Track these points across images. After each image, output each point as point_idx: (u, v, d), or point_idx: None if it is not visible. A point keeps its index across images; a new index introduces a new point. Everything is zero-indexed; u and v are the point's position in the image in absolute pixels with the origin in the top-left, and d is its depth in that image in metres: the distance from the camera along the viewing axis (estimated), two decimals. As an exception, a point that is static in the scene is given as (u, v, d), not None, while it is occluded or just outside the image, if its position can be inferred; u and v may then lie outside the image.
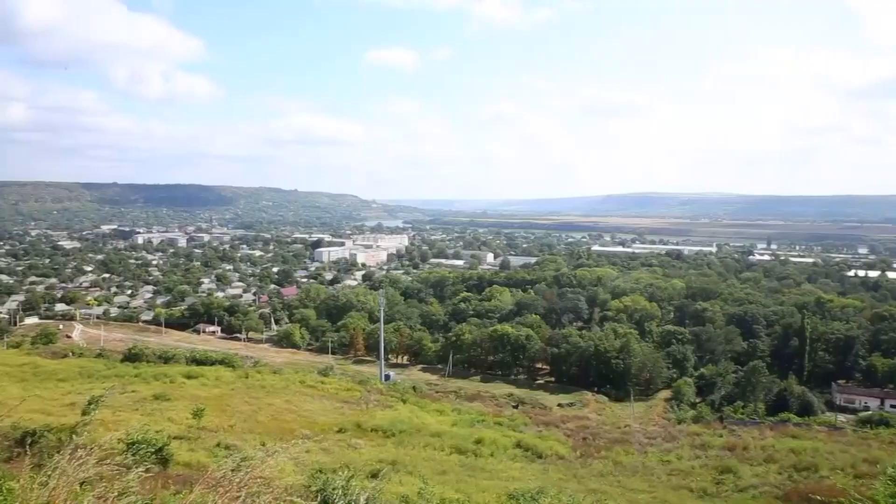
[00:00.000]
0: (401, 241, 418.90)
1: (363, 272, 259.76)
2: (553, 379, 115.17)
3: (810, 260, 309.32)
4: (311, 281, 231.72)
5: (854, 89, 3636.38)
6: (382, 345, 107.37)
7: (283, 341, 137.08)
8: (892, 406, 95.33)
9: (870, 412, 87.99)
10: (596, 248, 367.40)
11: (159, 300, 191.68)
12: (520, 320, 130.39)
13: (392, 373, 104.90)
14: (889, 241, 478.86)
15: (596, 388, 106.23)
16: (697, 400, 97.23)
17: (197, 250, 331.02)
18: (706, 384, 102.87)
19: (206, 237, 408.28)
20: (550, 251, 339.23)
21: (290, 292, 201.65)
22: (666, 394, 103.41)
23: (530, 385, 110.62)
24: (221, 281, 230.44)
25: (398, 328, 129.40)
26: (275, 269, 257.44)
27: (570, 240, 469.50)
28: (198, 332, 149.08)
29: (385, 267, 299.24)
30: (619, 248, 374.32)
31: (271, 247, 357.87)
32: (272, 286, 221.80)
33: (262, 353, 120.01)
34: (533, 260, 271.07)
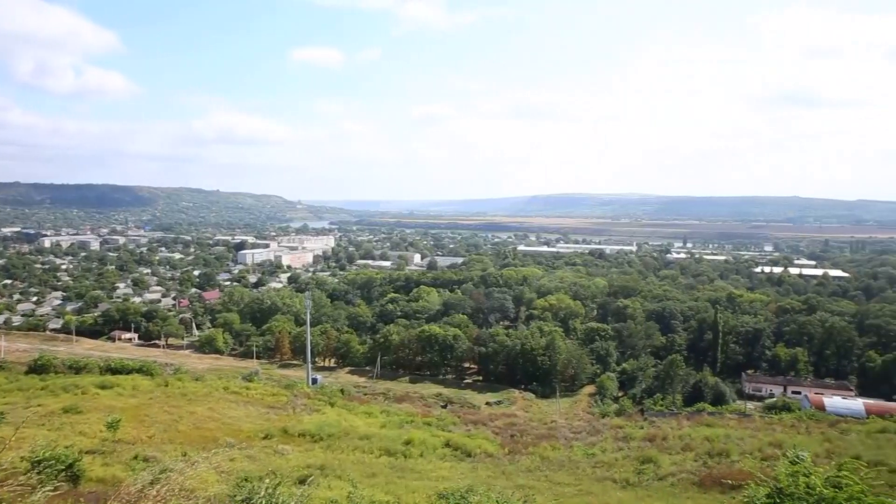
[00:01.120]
0: (327, 243, 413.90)
1: (289, 274, 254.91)
2: (481, 378, 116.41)
3: (722, 257, 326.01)
4: (235, 284, 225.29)
5: (762, 98, 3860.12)
6: (309, 348, 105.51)
7: (206, 347, 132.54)
8: (793, 392, 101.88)
9: (774, 399, 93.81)
10: (522, 247, 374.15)
11: (69, 307, 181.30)
12: (447, 320, 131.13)
13: (319, 376, 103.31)
14: (790, 239, 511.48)
15: (523, 386, 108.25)
16: (620, 394, 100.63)
17: (111, 253, 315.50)
18: (628, 378, 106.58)
19: (122, 240, 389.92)
20: (477, 251, 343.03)
21: (212, 296, 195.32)
22: (590, 389, 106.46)
23: (458, 384, 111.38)
24: (138, 285, 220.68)
25: (325, 331, 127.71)
26: (196, 273, 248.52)
27: (496, 240, 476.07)
28: (113, 339, 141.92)
29: (311, 269, 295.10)
30: (545, 248, 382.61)
31: (192, 249, 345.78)
32: (193, 290, 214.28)
33: (183, 360, 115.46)
34: (460, 260, 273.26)
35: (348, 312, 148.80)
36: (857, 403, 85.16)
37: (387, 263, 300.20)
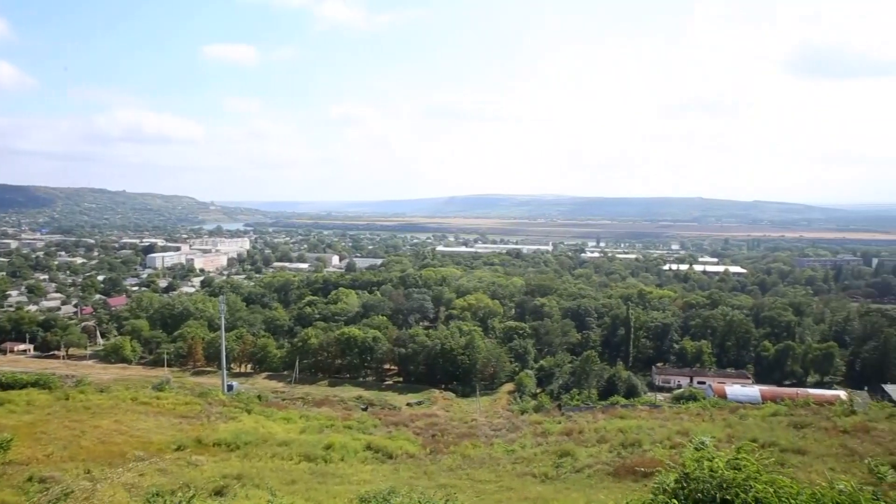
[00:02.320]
0: (242, 245, 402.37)
1: (202, 278, 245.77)
2: (401, 379, 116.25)
3: (633, 256, 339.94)
4: (144, 289, 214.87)
5: (671, 104, 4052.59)
6: (224, 354, 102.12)
7: (112, 356, 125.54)
8: (699, 382, 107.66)
9: (682, 389, 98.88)
10: (440, 248, 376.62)
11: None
12: (367, 322, 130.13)
13: (235, 383, 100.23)
14: (695, 238, 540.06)
15: (443, 386, 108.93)
16: (538, 390, 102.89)
17: (2, 259, 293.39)
18: (546, 375, 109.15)
19: (14, 244, 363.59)
20: (396, 252, 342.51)
21: (118, 302, 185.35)
22: (509, 386, 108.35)
23: (379, 386, 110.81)
24: (34, 292, 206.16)
25: (241, 335, 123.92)
26: (100, 278, 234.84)
27: (415, 240, 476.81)
28: (4, 351, 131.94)
29: (225, 272, 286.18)
30: (463, 248, 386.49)
31: (96, 253, 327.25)
32: (98, 296, 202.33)
33: (86, 371, 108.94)
34: (379, 261, 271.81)
35: (265, 316, 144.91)
36: (754, 390, 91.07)
37: (304, 266, 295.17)
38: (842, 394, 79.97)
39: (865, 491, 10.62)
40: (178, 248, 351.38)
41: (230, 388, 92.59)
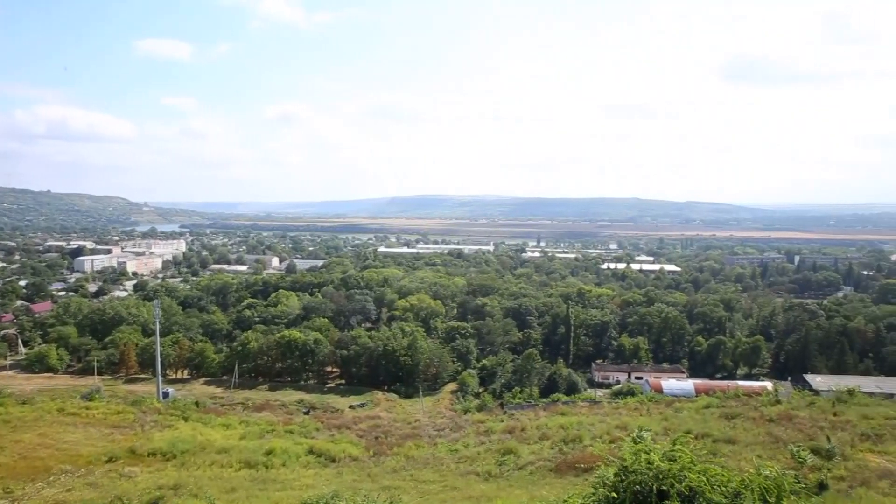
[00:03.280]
0: (178, 247, 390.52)
1: (135, 282, 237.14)
2: (344, 381, 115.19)
3: (572, 255, 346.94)
4: (72, 294, 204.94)
5: (609, 106, 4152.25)
6: (159, 360, 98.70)
7: (36, 365, 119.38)
8: (636, 378, 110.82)
9: (620, 385, 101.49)
10: (382, 249, 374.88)
11: None
12: (308, 324, 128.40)
13: (171, 389, 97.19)
14: (632, 237, 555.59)
15: (386, 387, 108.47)
16: (481, 389, 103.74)
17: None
18: (488, 374, 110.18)
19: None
20: (337, 253, 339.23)
21: (43, 308, 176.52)
22: (452, 386, 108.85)
23: (321, 389, 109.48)
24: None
25: (177, 340, 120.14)
26: (22, 283, 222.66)
27: (356, 242, 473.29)
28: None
29: (160, 275, 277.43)
30: (405, 249, 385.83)
31: (17, 256, 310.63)
32: (19, 302, 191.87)
33: (6, 382, 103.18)
34: (320, 263, 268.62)
35: (202, 320, 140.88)
36: (689, 384, 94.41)
37: (243, 268, 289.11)
38: (768, 385, 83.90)
39: (788, 475, 11.32)
40: (108, 251, 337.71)
41: (166, 395, 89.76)
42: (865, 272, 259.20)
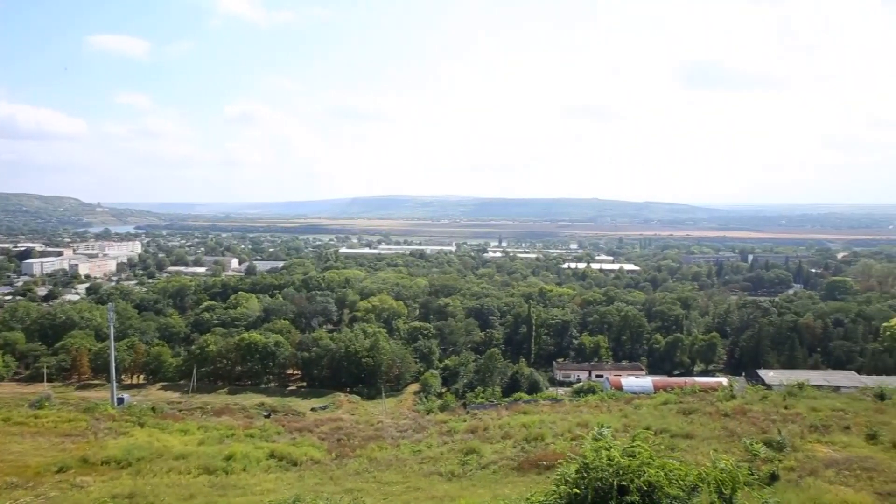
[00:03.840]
0: (133, 249, 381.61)
1: (87, 285, 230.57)
2: (305, 384, 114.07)
3: (534, 255, 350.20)
4: (19, 298, 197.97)
5: (570, 108, 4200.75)
6: (113, 365, 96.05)
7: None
8: (597, 376, 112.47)
9: (581, 383, 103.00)
10: (344, 250, 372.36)
11: None
12: (268, 327, 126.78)
13: (126, 395, 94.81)
14: (592, 237, 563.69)
15: (348, 389, 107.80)
16: (443, 390, 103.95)
17: None
18: (451, 374, 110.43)
19: None
20: (298, 255, 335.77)
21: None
22: (415, 387, 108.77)
23: (282, 392, 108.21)
24: None
25: (132, 344, 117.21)
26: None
27: (318, 242, 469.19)
28: None
29: (115, 278, 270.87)
30: (367, 250, 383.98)
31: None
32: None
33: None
34: (280, 264, 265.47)
35: (159, 324, 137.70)
36: (647, 381, 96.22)
37: (202, 270, 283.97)
38: (723, 380, 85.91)
39: (742, 467, 11.76)
40: (59, 253, 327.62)
41: (121, 401, 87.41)
42: (814, 270, 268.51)
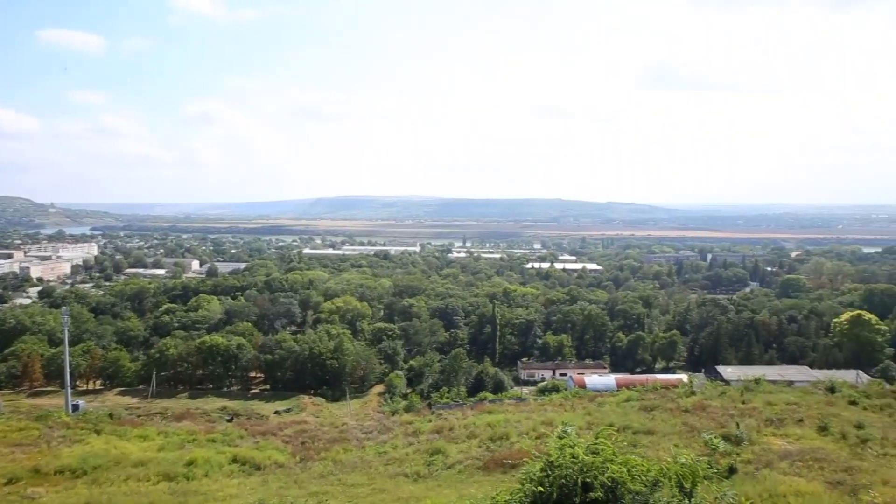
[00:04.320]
0: (89, 251, 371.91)
1: (40, 288, 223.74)
2: (268, 387, 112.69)
3: (497, 255, 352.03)
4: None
5: (534, 106, 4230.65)
6: (68, 371, 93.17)
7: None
8: (561, 374, 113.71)
9: (545, 382, 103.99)
10: (307, 251, 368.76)
11: None
12: (230, 329, 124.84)
13: (82, 402, 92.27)
14: (555, 237, 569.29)
15: (313, 391, 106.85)
16: (409, 390, 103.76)
17: None
18: (416, 375, 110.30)
19: None
20: (261, 256, 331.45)
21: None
22: (380, 388, 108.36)
23: (245, 396, 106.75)
24: None
25: (88, 349, 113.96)
26: None
27: (281, 244, 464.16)
28: None
29: (69, 281, 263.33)
30: (330, 251, 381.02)
31: None
32: None
33: None
34: (243, 265, 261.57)
35: (116, 327, 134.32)
36: (610, 379, 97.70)
37: (161, 272, 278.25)
38: (683, 377, 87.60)
39: (702, 462, 12.05)
40: (9, 255, 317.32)
41: (76, 407, 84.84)
42: (769, 268, 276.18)
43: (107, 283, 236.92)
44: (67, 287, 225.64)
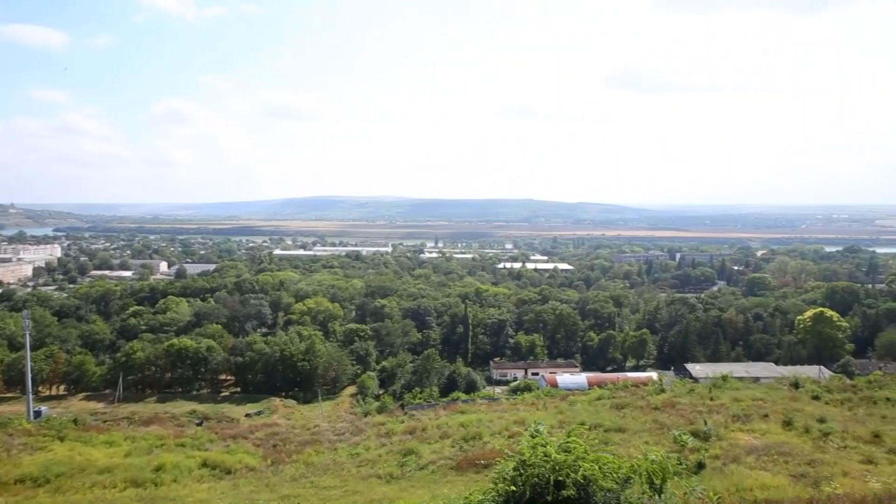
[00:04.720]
0: (52, 252, 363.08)
1: None
2: (239, 389, 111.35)
3: (470, 255, 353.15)
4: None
5: (505, 106, 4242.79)
6: (29, 376, 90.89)
7: None
8: (533, 374, 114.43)
9: (518, 381, 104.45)
10: (278, 252, 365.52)
11: None
12: (200, 331, 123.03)
13: (44, 407, 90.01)
14: (527, 237, 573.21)
15: (284, 393, 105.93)
16: (381, 391, 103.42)
17: None
18: (388, 375, 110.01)
19: None
20: (231, 257, 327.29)
21: None
22: (352, 389, 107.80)
23: (215, 399, 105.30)
24: None
25: (51, 353, 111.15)
26: None
27: (251, 244, 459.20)
28: None
29: (31, 283, 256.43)
30: (301, 252, 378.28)
31: None
32: None
33: None
34: (212, 267, 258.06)
35: (81, 331, 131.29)
36: (582, 378, 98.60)
37: (128, 273, 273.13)
38: (653, 375, 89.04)
39: (672, 458, 12.24)
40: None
41: (38, 414, 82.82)
42: (736, 267, 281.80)
43: (71, 286, 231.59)
44: (29, 290, 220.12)
